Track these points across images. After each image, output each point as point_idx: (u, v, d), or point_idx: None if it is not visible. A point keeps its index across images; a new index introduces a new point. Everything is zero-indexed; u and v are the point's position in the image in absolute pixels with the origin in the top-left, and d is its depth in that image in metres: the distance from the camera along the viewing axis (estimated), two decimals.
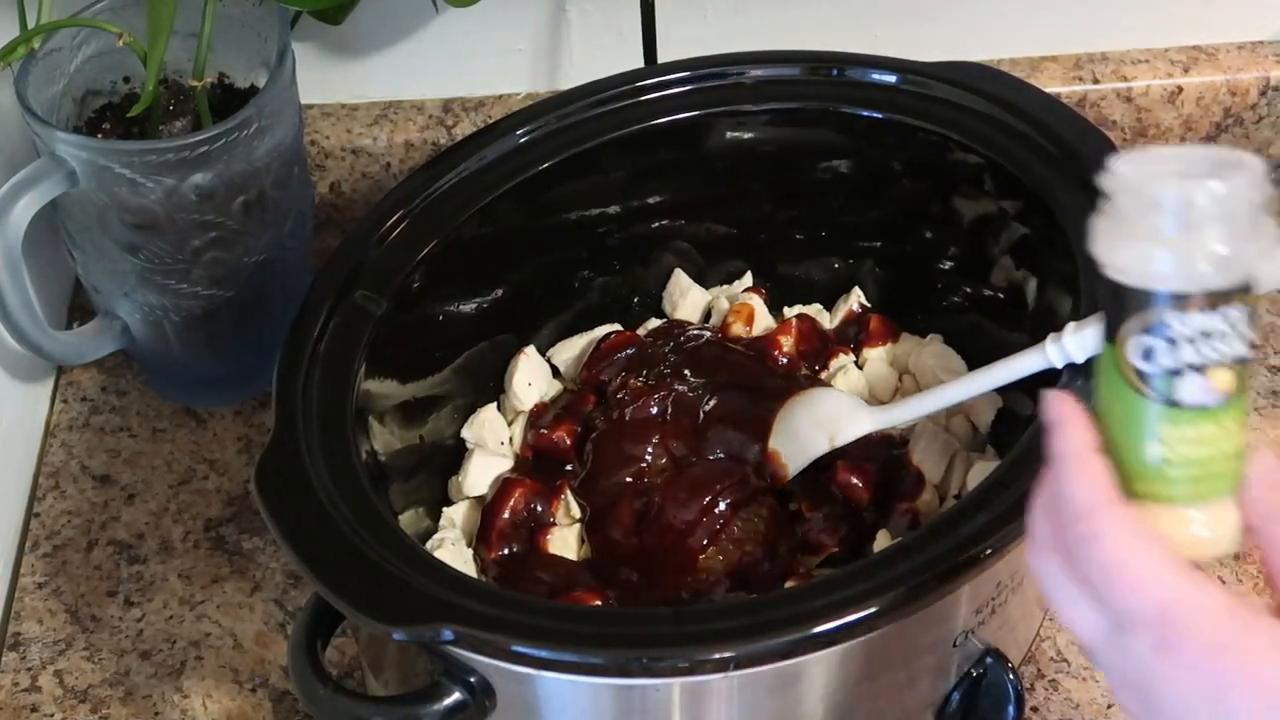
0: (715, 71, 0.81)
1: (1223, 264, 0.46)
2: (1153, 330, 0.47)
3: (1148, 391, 0.47)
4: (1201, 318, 0.46)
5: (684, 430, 0.76)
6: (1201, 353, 0.47)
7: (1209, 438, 0.48)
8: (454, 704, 0.59)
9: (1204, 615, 0.46)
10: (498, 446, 0.81)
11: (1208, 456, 0.48)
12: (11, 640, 0.80)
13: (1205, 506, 0.48)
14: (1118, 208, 0.47)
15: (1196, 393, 0.47)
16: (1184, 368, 0.47)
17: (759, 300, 0.85)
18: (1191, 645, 0.45)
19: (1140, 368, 0.47)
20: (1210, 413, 0.48)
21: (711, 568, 0.71)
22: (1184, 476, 0.48)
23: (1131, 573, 0.46)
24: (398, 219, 0.75)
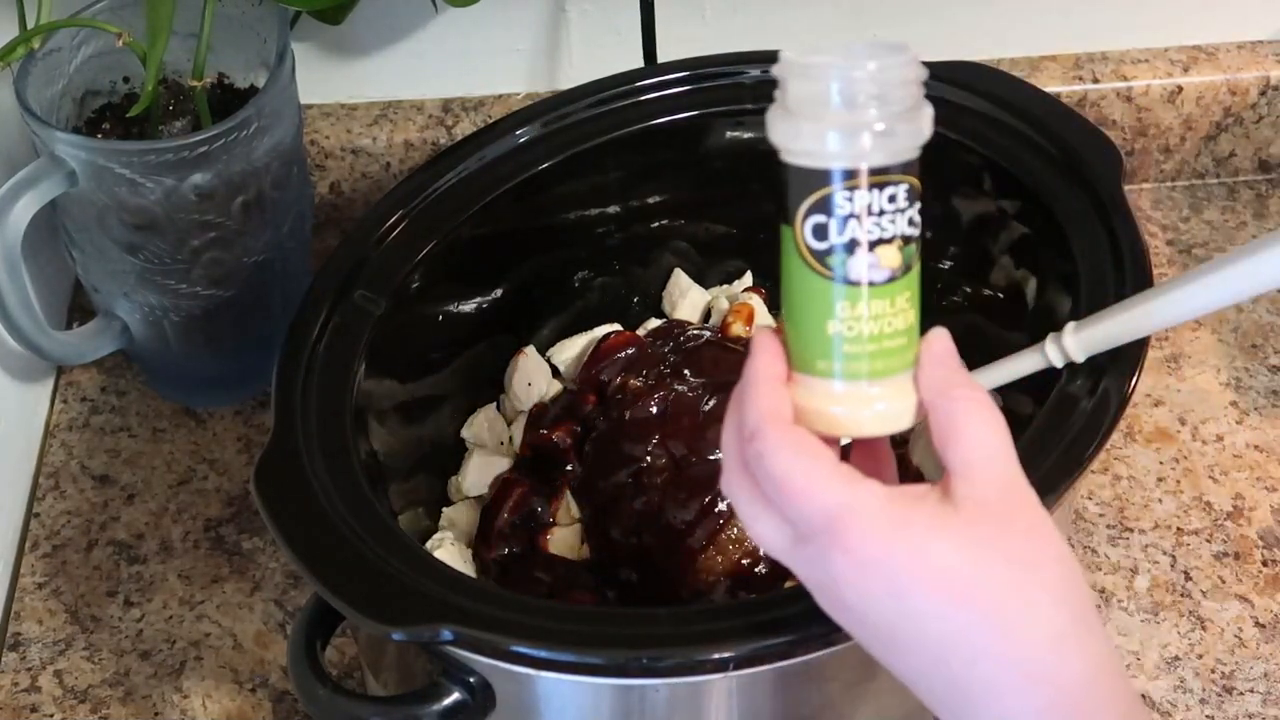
0: (715, 71, 0.81)
1: (882, 140, 0.49)
2: (822, 208, 0.50)
3: (821, 270, 0.50)
4: (866, 195, 0.49)
5: (684, 430, 0.75)
6: (868, 230, 0.50)
7: (881, 314, 0.50)
8: (453, 704, 0.59)
9: (865, 515, 0.48)
10: (497, 446, 0.81)
11: (881, 333, 0.50)
12: (11, 640, 0.80)
13: (883, 382, 0.51)
14: (786, 93, 0.50)
15: (866, 270, 0.50)
16: (853, 245, 0.50)
17: (759, 300, 0.85)
18: (859, 544, 0.48)
19: (813, 246, 0.50)
20: (880, 289, 0.50)
21: (711, 568, 0.71)
22: (860, 353, 0.50)
23: (796, 483, 0.49)
24: (397, 219, 0.75)
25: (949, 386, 0.51)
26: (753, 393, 0.51)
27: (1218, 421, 0.87)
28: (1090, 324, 0.63)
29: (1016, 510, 0.49)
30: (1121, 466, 0.85)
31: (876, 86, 0.49)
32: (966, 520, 0.48)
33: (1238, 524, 0.83)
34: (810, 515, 0.49)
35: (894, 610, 0.48)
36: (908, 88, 0.50)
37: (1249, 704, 0.75)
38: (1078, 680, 0.48)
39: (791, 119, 0.50)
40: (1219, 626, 0.78)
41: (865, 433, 0.52)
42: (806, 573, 0.50)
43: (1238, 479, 0.85)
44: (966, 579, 0.48)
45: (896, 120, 0.49)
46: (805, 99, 0.49)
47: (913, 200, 0.50)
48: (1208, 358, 0.91)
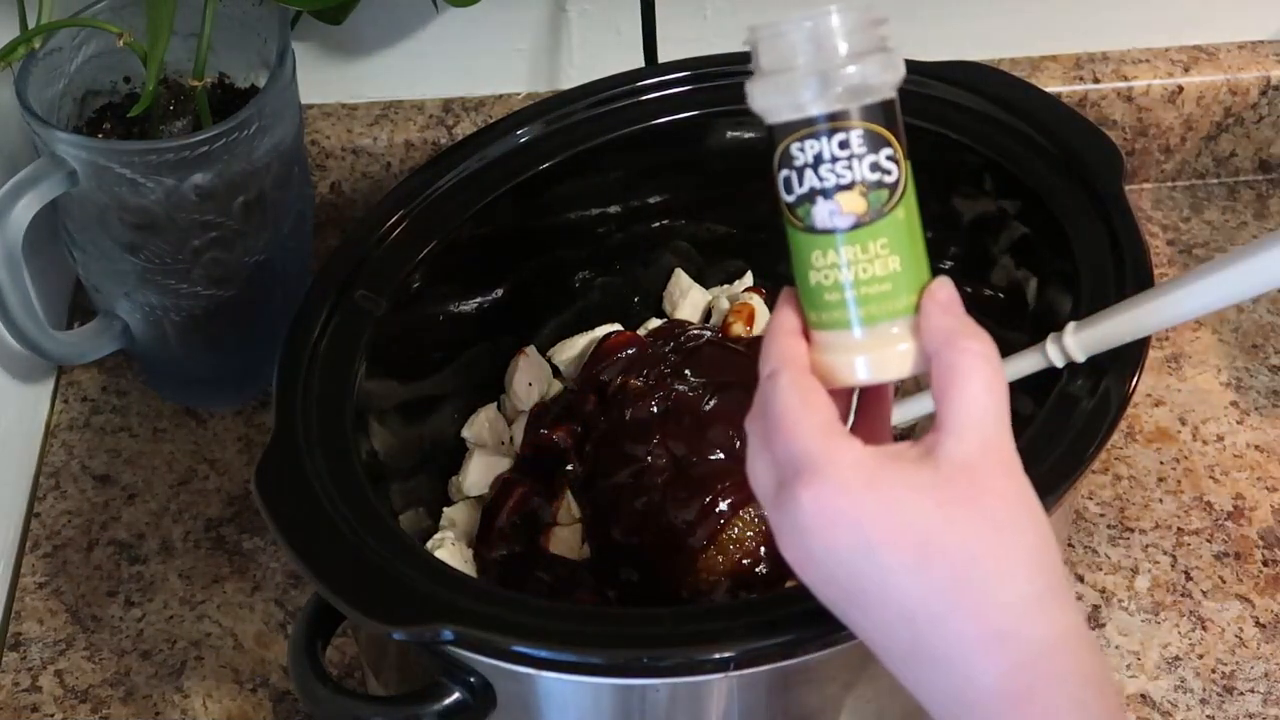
0: (715, 71, 0.81)
1: (819, 89, 0.50)
2: (784, 162, 0.51)
3: (795, 221, 0.52)
4: (815, 143, 0.51)
5: (684, 430, 0.75)
6: (822, 178, 0.51)
7: (854, 260, 0.51)
8: (454, 704, 0.59)
9: (840, 465, 0.49)
10: (498, 446, 0.81)
11: (859, 279, 0.51)
12: (12, 640, 0.80)
13: (872, 329, 0.52)
14: (755, 63, 0.52)
15: (827, 217, 0.51)
16: (813, 194, 0.51)
17: (759, 300, 0.85)
18: (829, 494, 0.48)
19: (785, 199, 0.52)
20: (849, 235, 0.51)
21: (712, 568, 0.71)
22: (839, 300, 0.51)
23: (787, 423, 0.50)
24: (398, 219, 0.75)
25: (954, 336, 0.51)
26: (769, 339, 0.53)
27: (1218, 421, 0.87)
28: (1091, 324, 0.63)
29: (997, 471, 0.49)
30: (1122, 466, 0.85)
31: (807, 38, 0.50)
32: (945, 478, 0.48)
33: (1238, 524, 0.83)
34: (790, 456, 0.49)
35: (861, 564, 0.48)
36: (849, 35, 0.50)
37: (1249, 704, 0.75)
38: (1046, 644, 0.48)
39: (755, 81, 0.52)
40: (1219, 626, 0.78)
41: (862, 379, 0.52)
42: (778, 520, 0.50)
43: (1238, 479, 0.85)
44: (938, 536, 0.48)
45: (834, 68, 0.50)
46: (757, 60, 0.52)
47: (874, 146, 0.51)
48: (1208, 358, 0.91)
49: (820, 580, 0.50)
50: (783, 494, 0.50)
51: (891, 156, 0.51)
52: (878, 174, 0.51)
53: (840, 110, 0.50)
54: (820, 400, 0.51)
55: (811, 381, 0.51)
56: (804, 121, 0.51)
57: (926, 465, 0.49)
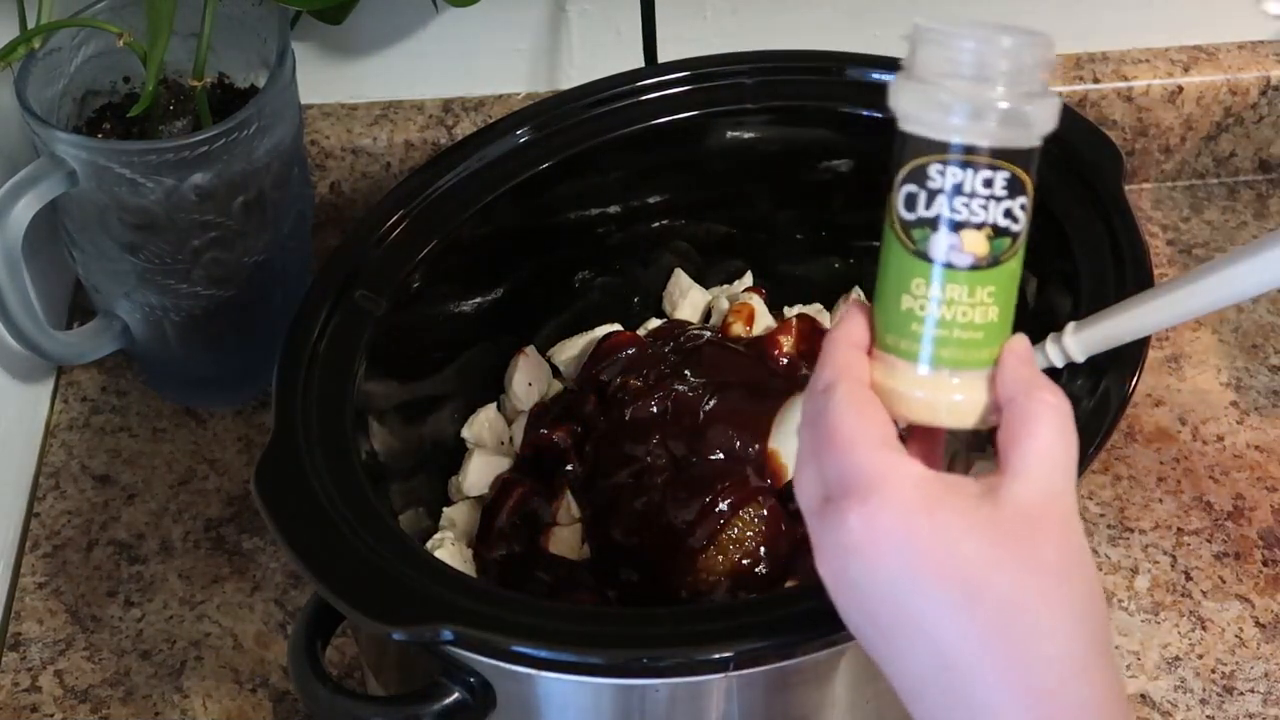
0: (715, 71, 0.81)
1: (986, 121, 0.47)
2: (915, 177, 0.48)
3: (905, 240, 0.49)
4: (960, 173, 0.48)
5: (684, 430, 0.75)
6: (955, 209, 0.48)
7: (955, 300, 0.49)
8: (454, 704, 0.59)
9: (897, 484, 0.47)
10: (498, 446, 0.81)
11: (952, 320, 0.49)
12: (12, 640, 0.80)
13: (948, 372, 0.50)
14: (912, 58, 0.49)
15: (945, 250, 0.49)
16: (937, 221, 0.48)
17: (759, 300, 0.85)
18: (882, 513, 0.46)
19: (902, 215, 0.49)
20: (959, 274, 0.49)
21: (711, 568, 0.71)
22: (925, 335, 0.49)
23: (841, 436, 0.48)
24: (398, 219, 0.75)
25: (1032, 387, 0.49)
26: (830, 351, 0.51)
27: (1218, 421, 0.87)
28: (1090, 324, 0.63)
29: (1058, 523, 0.47)
30: (1121, 466, 0.85)
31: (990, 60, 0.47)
32: (1005, 519, 0.47)
33: (1238, 524, 0.83)
34: (844, 471, 0.48)
35: (901, 593, 0.46)
36: (1037, 71, 0.48)
37: (1249, 704, 0.75)
38: (1086, 707, 0.46)
39: (907, 82, 0.49)
40: (1219, 626, 0.78)
41: (926, 419, 0.50)
42: (820, 536, 0.48)
43: (1238, 479, 0.85)
44: (988, 577, 0.46)
45: (1010, 103, 0.48)
46: (923, 64, 0.48)
47: (1014, 192, 0.48)
48: (1208, 358, 0.91)
49: (853, 605, 0.48)
50: (829, 509, 0.48)
51: (1024, 206, 0.49)
52: (1008, 221, 0.49)
53: (997, 148, 0.48)
54: (880, 416, 0.49)
55: (870, 396, 0.50)
56: (955, 146, 0.48)
57: (987, 503, 0.47)
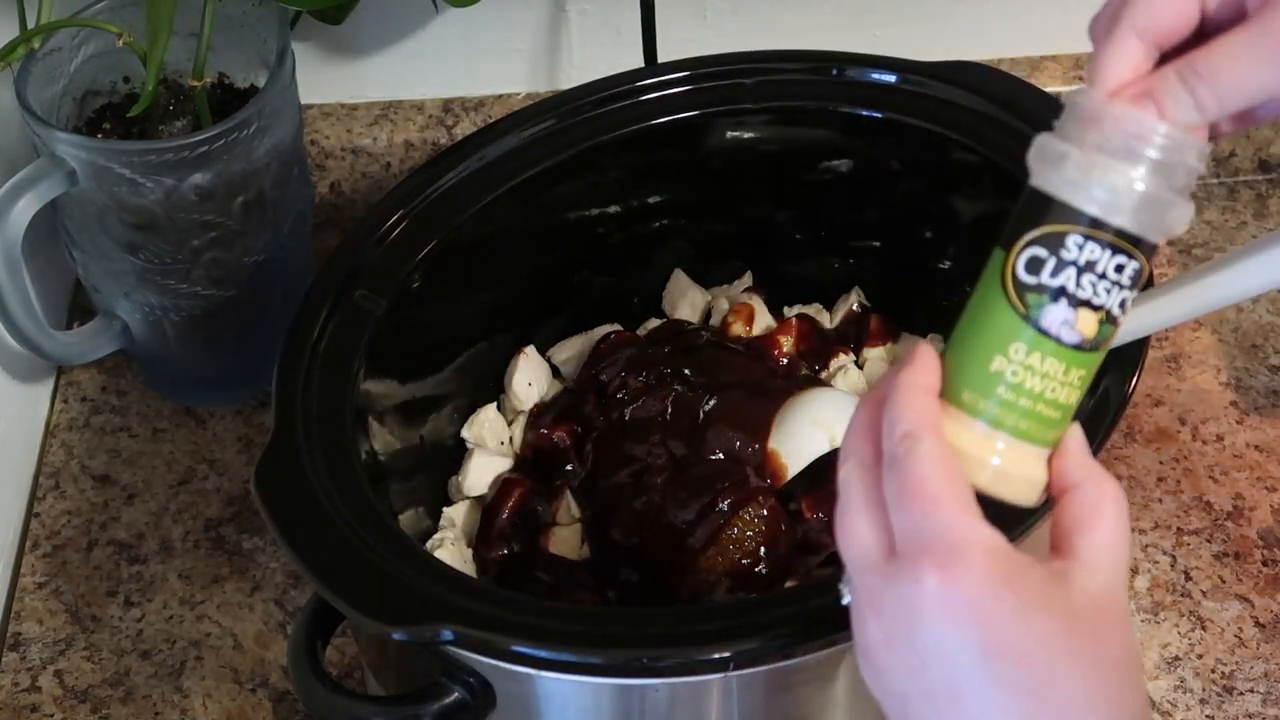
0: (715, 71, 0.81)
1: (1145, 208, 0.46)
2: (1047, 242, 0.47)
3: (1016, 303, 0.48)
4: (1100, 251, 0.47)
5: (684, 430, 0.75)
6: (1081, 285, 0.47)
7: (1050, 375, 0.48)
8: (454, 704, 0.59)
9: (985, 552, 0.45)
10: (498, 446, 0.81)
11: (1040, 394, 0.48)
12: (11, 640, 0.80)
13: (1018, 444, 0.48)
14: (1067, 120, 0.48)
15: (1058, 323, 0.47)
16: (1060, 293, 0.47)
17: (759, 300, 0.85)
18: (967, 578, 0.45)
19: (1021, 276, 0.48)
20: (1062, 351, 0.48)
21: (711, 568, 0.71)
22: (1011, 402, 0.48)
23: (930, 491, 0.46)
24: (398, 219, 0.75)
25: (1097, 475, 0.49)
26: (911, 397, 0.48)
27: (1218, 421, 0.87)
28: None
29: (1119, 617, 0.47)
30: (1121, 466, 0.85)
31: (1163, 153, 0.47)
32: (1078, 607, 0.45)
33: (1238, 524, 0.83)
34: (930, 529, 0.45)
35: (963, 666, 0.44)
36: (1188, 173, 0.47)
37: (1249, 704, 0.75)
38: None
39: (1064, 144, 0.47)
40: (1219, 626, 0.78)
41: (985, 486, 0.48)
42: (881, 589, 0.46)
43: (1238, 479, 0.85)
44: (1063, 664, 0.44)
45: (1166, 194, 0.47)
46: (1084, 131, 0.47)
47: (1135, 284, 0.48)
48: (1208, 358, 0.91)
49: (902, 668, 0.46)
50: (898, 565, 0.46)
51: (1133, 299, 0.48)
52: (1120, 311, 0.48)
53: (1141, 238, 0.47)
54: (963, 477, 0.47)
55: (954, 454, 0.47)
56: (1105, 225, 0.47)
57: (1059, 588, 0.46)
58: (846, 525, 0.48)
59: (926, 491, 0.46)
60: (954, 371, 0.49)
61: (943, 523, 0.45)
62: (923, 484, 0.46)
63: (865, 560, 0.47)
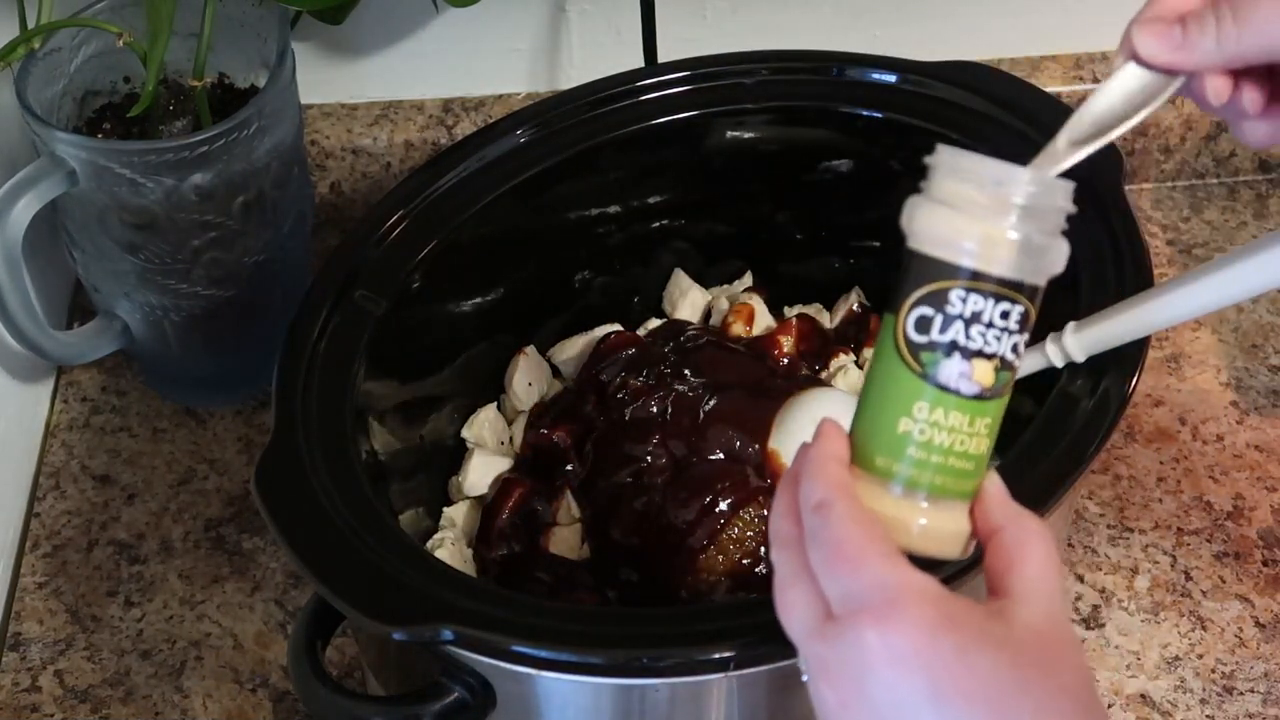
0: (715, 71, 0.81)
1: (1019, 254, 0.47)
2: (932, 301, 0.48)
3: (912, 363, 0.48)
4: (983, 301, 0.48)
5: (684, 430, 0.75)
6: (970, 337, 0.48)
7: (956, 428, 0.49)
8: (454, 704, 0.59)
9: (920, 599, 0.46)
10: (498, 446, 0.81)
11: (949, 448, 0.49)
12: (12, 640, 0.80)
13: (937, 501, 0.49)
14: (935, 181, 0.49)
15: (955, 377, 0.48)
16: (952, 347, 0.48)
17: (759, 300, 0.85)
18: (906, 629, 0.45)
19: (911, 337, 0.48)
20: (964, 403, 0.48)
21: (711, 568, 0.71)
22: (923, 461, 0.49)
23: (851, 550, 0.47)
24: (398, 219, 0.75)
25: (1019, 515, 0.50)
26: (820, 470, 0.49)
27: (1218, 421, 0.87)
28: (1090, 324, 0.63)
29: (1068, 644, 0.47)
30: (1121, 466, 0.85)
31: (1030, 199, 0.48)
32: (1020, 640, 0.46)
33: (1238, 524, 0.83)
34: (861, 586, 0.46)
35: (924, 713, 0.45)
36: (1057, 214, 0.48)
37: (1249, 704, 0.75)
38: None
39: (934, 205, 0.49)
40: (1219, 626, 0.78)
41: (913, 546, 0.49)
42: (826, 654, 0.47)
43: (1238, 479, 0.85)
44: (1017, 699, 0.45)
45: (1039, 239, 0.48)
46: (952, 189, 0.48)
47: (1024, 327, 0.49)
48: (1208, 358, 0.91)
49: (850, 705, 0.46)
50: (836, 628, 0.47)
51: (1026, 342, 0.49)
52: (1014, 355, 0.49)
53: (1022, 283, 0.48)
54: (882, 531, 0.48)
55: (870, 513, 0.48)
56: (984, 276, 0.48)
57: (999, 623, 0.46)
58: (782, 602, 0.49)
59: (848, 552, 0.47)
60: (864, 440, 0.50)
61: (871, 578, 0.46)
62: (843, 546, 0.47)
63: (806, 630, 0.48)
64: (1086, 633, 0.78)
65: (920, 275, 0.48)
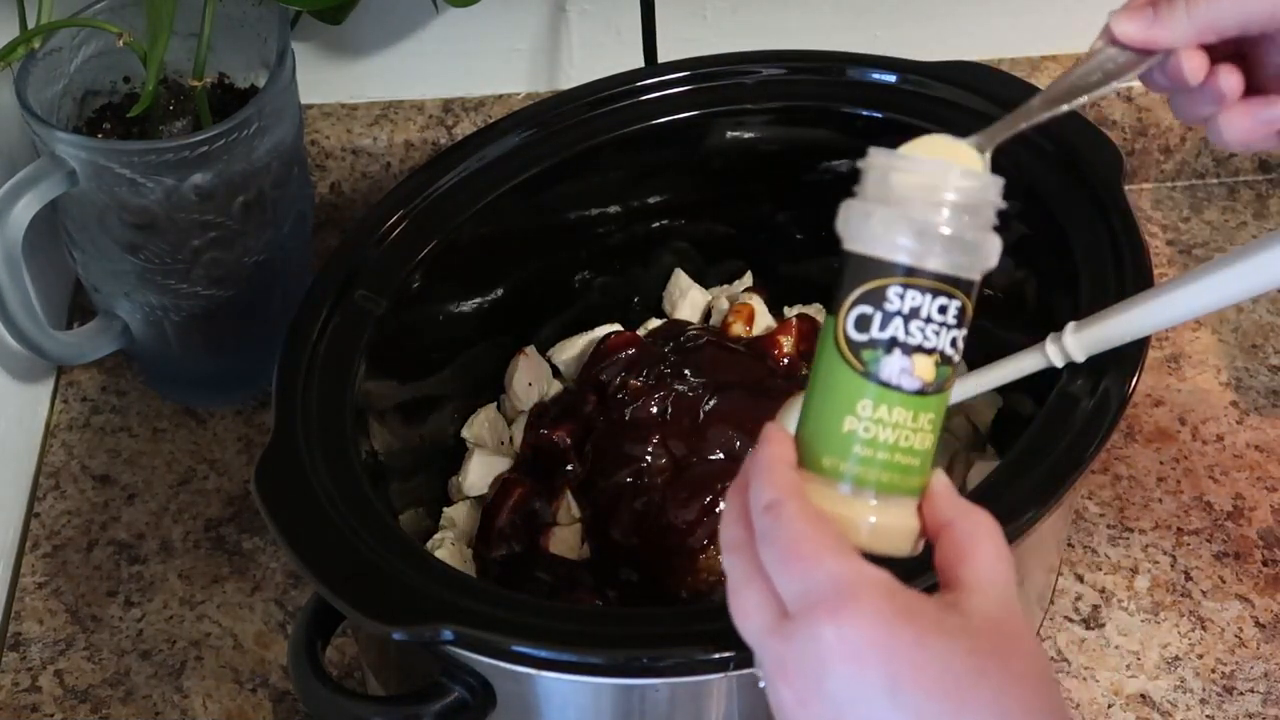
0: (715, 71, 0.81)
1: (953, 248, 0.48)
2: (870, 299, 0.48)
3: (853, 361, 0.49)
4: (920, 297, 0.48)
5: (684, 430, 0.76)
6: (910, 333, 0.48)
7: (900, 424, 0.49)
8: (454, 704, 0.59)
9: (874, 592, 0.46)
10: (498, 446, 0.81)
11: (895, 444, 0.49)
12: (12, 640, 0.80)
13: (885, 498, 0.49)
14: (867, 181, 0.49)
15: (896, 373, 0.48)
16: (891, 344, 0.48)
17: (759, 300, 0.85)
18: (863, 622, 0.45)
19: (852, 336, 0.49)
20: (906, 398, 0.49)
21: (712, 568, 0.71)
22: (869, 458, 0.49)
23: (805, 548, 0.47)
24: (398, 219, 0.75)
25: (967, 509, 0.50)
26: (769, 472, 0.49)
27: (1218, 421, 0.87)
28: (1090, 324, 0.63)
29: (1019, 631, 0.48)
30: (1121, 466, 0.85)
31: (962, 195, 0.48)
32: (975, 629, 0.46)
33: (1238, 524, 0.83)
34: (814, 583, 0.46)
35: (879, 706, 0.45)
36: (989, 209, 0.49)
37: (1249, 704, 0.75)
38: None
39: (867, 205, 0.49)
40: (1219, 626, 0.78)
41: (863, 544, 0.49)
42: (783, 651, 0.47)
43: (1238, 479, 0.85)
44: (971, 686, 0.45)
45: (972, 234, 0.48)
46: (883, 189, 0.49)
47: (961, 322, 0.49)
48: (1208, 358, 0.91)
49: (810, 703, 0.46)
50: (792, 626, 0.47)
51: (965, 337, 0.50)
52: (953, 350, 0.49)
53: (958, 278, 0.48)
54: (834, 528, 0.48)
55: (819, 510, 0.48)
56: (920, 271, 0.48)
57: (953, 614, 0.47)
58: (736, 605, 0.49)
59: (801, 550, 0.47)
60: (810, 441, 0.50)
61: (825, 573, 0.46)
62: (796, 544, 0.47)
63: (761, 630, 0.48)
64: (1086, 633, 0.78)
65: (857, 274, 0.49)
